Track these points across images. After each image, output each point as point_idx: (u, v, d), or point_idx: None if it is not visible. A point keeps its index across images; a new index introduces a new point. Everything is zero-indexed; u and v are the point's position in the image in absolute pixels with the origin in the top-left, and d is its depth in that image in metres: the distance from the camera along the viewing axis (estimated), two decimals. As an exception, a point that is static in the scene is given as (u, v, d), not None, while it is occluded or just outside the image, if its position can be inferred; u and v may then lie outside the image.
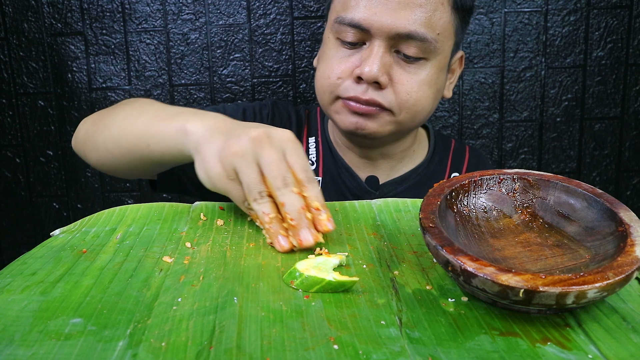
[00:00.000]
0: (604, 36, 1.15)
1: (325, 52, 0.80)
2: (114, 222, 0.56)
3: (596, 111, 1.18)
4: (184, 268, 0.46)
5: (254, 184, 0.51)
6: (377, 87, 0.75)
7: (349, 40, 0.76)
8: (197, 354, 0.35)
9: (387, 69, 0.75)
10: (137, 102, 0.75)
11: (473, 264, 0.38)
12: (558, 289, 0.35)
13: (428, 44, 0.74)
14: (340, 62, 0.77)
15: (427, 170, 0.89)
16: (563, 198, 0.48)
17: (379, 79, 0.73)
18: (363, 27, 0.74)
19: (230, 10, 1.12)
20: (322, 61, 0.81)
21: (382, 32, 0.73)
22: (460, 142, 0.95)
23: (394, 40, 0.74)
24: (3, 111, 1.17)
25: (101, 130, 0.73)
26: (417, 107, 0.77)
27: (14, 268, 0.47)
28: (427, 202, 0.46)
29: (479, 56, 1.14)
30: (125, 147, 0.68)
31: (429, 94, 0.78)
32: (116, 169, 0.75)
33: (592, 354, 0.35)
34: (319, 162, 0.88)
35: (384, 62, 0.74)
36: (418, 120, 0.80)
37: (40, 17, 1.12)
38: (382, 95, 0.75)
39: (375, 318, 0.39)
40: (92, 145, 0.74)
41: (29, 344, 0.36)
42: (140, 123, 0.66)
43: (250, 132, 0.52)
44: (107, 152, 0.71)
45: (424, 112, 0.79)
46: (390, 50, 0.75)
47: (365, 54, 0.75)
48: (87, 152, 0.76)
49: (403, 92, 0.76)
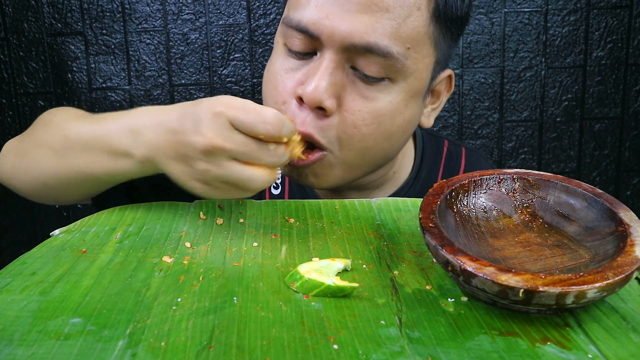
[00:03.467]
0: (604, 36, 1.15)
1: (272, 62, 0.64)
2: (113, 222, 0.56)
3: (596, 111, 1.18)
4: (183, 268, 0.46)
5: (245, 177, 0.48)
6: (321, 114, 0.58)
7: (295, 49, 0.60)
8: (197, 354, 0.35)
9: (337, 89, 0.58)
10: (56, 125, 0.62)
11: (473, 264, 0.38)
12: (558, 289, 0.35)
13: (393, 61, 0.57)
14: (285, 79, 0.61)
15: (412, 191, 0.74)
16: (563, 198, 0.48)
17: (324, 103, 0.57)
18: (311, 33, 0.57)
19: (230, 10, 1.12)
20: (267, 75, 0.64)
21: (333, 42, 0.57)
22: (454, 145, 0.80)
23: (349, 53, 0.57)
24: (3, 111, 1.17)
25: (29, 165, 0.63)
26: (366, 144, 0.60)
27: (13, 268, 0.47)
28: (427, 202, 0.46)
29: (479, 56, 1.14)
30: (72, 182, 0.60)
31: (387, 128, 0.60)
32: (59, 201, 0.67)
33: (592, 353, 0.35)
34: (284, 185, 0.75)
35: (333, 80, 0.57)
36: (369, 159, 0.63)
37: (40, 17, 1.12)
38: (322, 128, 0.59)
39: (375, 318, 0.39)
40: (23, 180, 0.65)
41: (28, 344, 0.36)
42: (77, 157, 0.57)
43: (198, 143, 0.47)
44: (46, 188, 0.62)
45: (377, 149, 0.62)
46: (344, 66, 0.58)
47: (312, 68, 0.59)
48: (18, 186, 0.66)
49: (349, 124, 0.59)
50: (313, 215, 0.57)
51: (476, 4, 1.11)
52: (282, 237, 0.52)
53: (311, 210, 0.58)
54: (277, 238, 0.52)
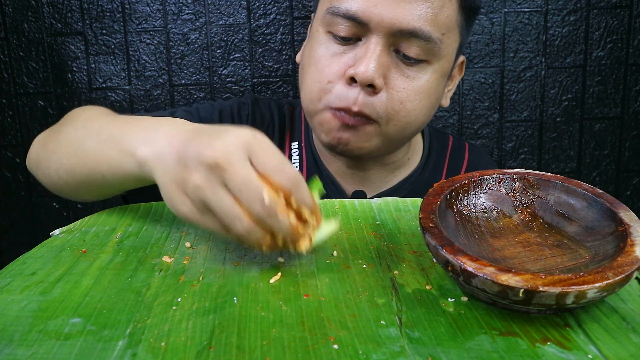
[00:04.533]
0: (604, 36, 1.15)
1: (314, 49, 0.69)
2: (113, 222, 0.56)
3: (596, 111, 1.18)
4: (183, 268, 0.46)
5: (231, 215, 0.43)
6: (370, 91, 0.66)
7: (341, 34, 0.66)
8: (197, 354, 0.35)
9: (384, 70, 0.65)
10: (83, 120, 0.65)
11: (473, 263, 0.38)
12: (558, 289, 0.35)
13: (432, 45, 0.65)
14: (331, 62, 0.67)
15: (421, 178, 0.80)
16: (563, 198, 0.48)
17: (375, 82, 0.64)
18: (360, 20, 0.64)
19: (230, 10, 1.12)
20: (309, 60, 0.70)
21: (381, 27, 0.64)
22: (458, 140, 0.87)
23: (394, 38, 0.65)
24: (3, 111, 1.17)
25: (50, 156, 0.64)
26: (409, 117, 0.68)
27: (13, 268, 0.47)
28: (427, 201, 0.46)
29: (479, 56, 1.14)
30: (79, 178, 0.60)
31: (425, 104, 0.69)
32: (75, 196, 0.66)
33: (591, 354, 0.35)
34: (302, 172, 0.79)
35: (381, 62, 0.65)
36: (408, 133, 0.71)
37: (40, 17, 1.12)
38: (372, 104, 0.66)
39: (375, 318, 0.39)
40: (44, 171, 0.66)
41: (28, 344, 0.36)
42: (89, 151, 0.58)
43: (205, 154, 0.43)
44: (61, 181, 0.63)
45: (415, 124, 0.70)
46: (389, 49, 0.66)
47: (360, 51, 0.66)
48: (41, 177, 0.68)
49: (396, 100, 0.66)
50: (313, 215, 0.57)
51: (477, 4, 1.11)
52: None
53: (311, 210, 0.58)
54: (277, 238, 0.52)
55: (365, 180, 0.79)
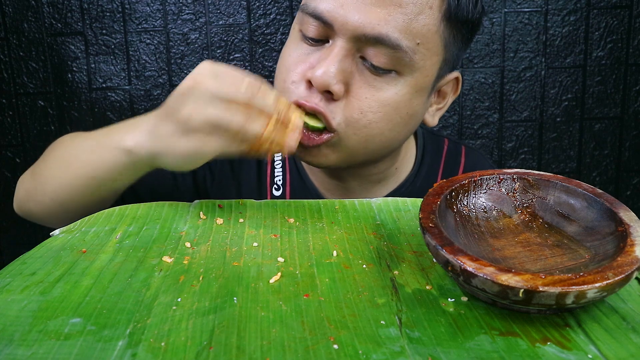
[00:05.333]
0: (604, 36, 1.15)
1: (286, 46, 0.67)
2: (113, 222, 0.56)
3: (596, 111, 1.18)
4: (183, 268, 0.46)
5: (224, 113, 0.49)
6: (329, 97, 0.61)
7: (310, 34, 0.62)
8: (197, 354, 0.35)
9: (345, 76, 0.60)
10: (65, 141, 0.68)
11: (473, 264, 0.38)
12: (558, 289, 0.35)
13: (402, 54, 0.59)
14: (297, 62, 0.64)
15: (413, 187, 0.76)
16: (563, 198, 0.48)
17: (332, 87, 0.59)
18: (325, 20, 0.60)
19: (230, 10, 1.12)
20: (281, 57, 0.68)
21: (345, 30, 0.59)
22: (454, 144, 0.82)
23: (360, 43, 0.60)
24: (3, 111, 1.17)
25: (43, 183, 0.66)
26: (371, 130, 0.62)
27: (13, 268, 0.47)
28: (427, 201, 0.46)
29: (479, 56, 1.14)
30: (79, 191, 0.62)
31: (391, 118, 0.62)
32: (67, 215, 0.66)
33: (591, 354, 0.35)
34: (285, 186, 0.76)
35: (342, 67, 0.60)
36: (372, 148, 0.65)
37: (40, 17, 1.12)
38: (331, 110, 0.61)
39: (375, 318, 0.39)
40: (38, 201, 0.67)
41: (28, 344, 0.36)
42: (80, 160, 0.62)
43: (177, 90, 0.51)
44: (57, 203, 0.65)
45: (380, 139, 0.64)
46: (354, 55, 0.61)
47: (323, 54, 0.61)
48: (34, 210, 0.68)
49: (356, 108, 0.61)
50: (313, 215, 0.57)
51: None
52: (282, 237, 0.52)
53: (311, 210, 0.58)
54: (277, 238, 0.52)
55: (349, 192, 0.75)
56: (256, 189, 0.77)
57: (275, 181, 0.76)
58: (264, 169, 0.77)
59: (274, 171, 0.77)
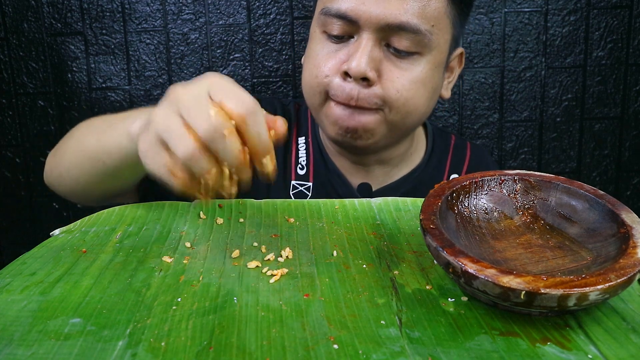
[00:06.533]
0: (604, 36, 1.15)
1: (312, 48, 0.74)
2: (113, 222, 0.56)
3: (596, 111, 1.18)
4: (183, 268, 0.46)
5: (176, 135, 0.42)
6: (365, 84, 0.69)
7: (335, 33, 0.70)
8: (197, 354, 0.35)
9: (376, 64, 0.68)
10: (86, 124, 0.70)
11: (474, 265, 0.38)
12: (560, 291, 0.35)
13: (422, 37, 0.68)
14: (327, 59, 0.71)
15: (424, 174, 0.83)
16: (564, 199, 0.48)
17: (367, 74, 0.67)
18: (350, 18, 0.68)
19: (230, 10, 1.12)
20: (308, 59, 0.75)
21: (370, 24, 0.67)
22: (460, 139, 0.90)
23: (384, 33, 0.68)
24: (3, 111, 1.17)
25: (60, 160, 0.70)
26: (408, 106, 0.71)
27: (13, 268, 0.47)
28: (428, 203, 0.46)
29: (479, 56, 1.14)
30: (87, 170, 0.65)
31: (422, 93, 0.71)
32: (87, 195, 0.70)
33: (592, 354, 0.35)
34: (309, 166, 0.82)
35: (372, 56, 0.68)
36: (410, 122, 0.74)
37: (40, 17, 1.12)
38: (370, 96, 0.69)
39: (375, 318, 0.39)
40: (57, 176, 0.71)
41: (28, 344, 0.36)
42: (92, 143, 0.63)
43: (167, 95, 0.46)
44: (72, 180, 0.68)
45: (416, 113, 0.73)
46: (380, 44, 0.69)
47: (352, 48, 0.69)
48: (56, 185, 0.73)
49: (392, 89, 0.69)
50: (313, 215, 0.57)
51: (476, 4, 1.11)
52: (282, 237, 0.52)
53: (311, 210, 0.58)
54: (277, 238, 0.52)
55: (370, 174, 0.82)
56: (281, 168, 0.82)
57: (299, 162, 0.83)
58: (290, 149, 0.83)
59: (298, 152, 0.84)
